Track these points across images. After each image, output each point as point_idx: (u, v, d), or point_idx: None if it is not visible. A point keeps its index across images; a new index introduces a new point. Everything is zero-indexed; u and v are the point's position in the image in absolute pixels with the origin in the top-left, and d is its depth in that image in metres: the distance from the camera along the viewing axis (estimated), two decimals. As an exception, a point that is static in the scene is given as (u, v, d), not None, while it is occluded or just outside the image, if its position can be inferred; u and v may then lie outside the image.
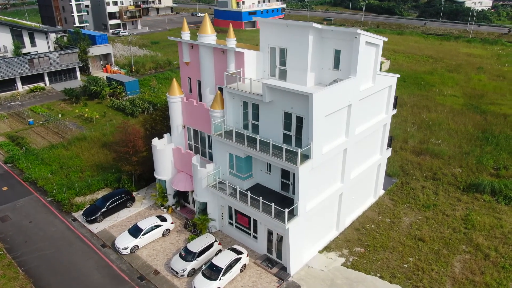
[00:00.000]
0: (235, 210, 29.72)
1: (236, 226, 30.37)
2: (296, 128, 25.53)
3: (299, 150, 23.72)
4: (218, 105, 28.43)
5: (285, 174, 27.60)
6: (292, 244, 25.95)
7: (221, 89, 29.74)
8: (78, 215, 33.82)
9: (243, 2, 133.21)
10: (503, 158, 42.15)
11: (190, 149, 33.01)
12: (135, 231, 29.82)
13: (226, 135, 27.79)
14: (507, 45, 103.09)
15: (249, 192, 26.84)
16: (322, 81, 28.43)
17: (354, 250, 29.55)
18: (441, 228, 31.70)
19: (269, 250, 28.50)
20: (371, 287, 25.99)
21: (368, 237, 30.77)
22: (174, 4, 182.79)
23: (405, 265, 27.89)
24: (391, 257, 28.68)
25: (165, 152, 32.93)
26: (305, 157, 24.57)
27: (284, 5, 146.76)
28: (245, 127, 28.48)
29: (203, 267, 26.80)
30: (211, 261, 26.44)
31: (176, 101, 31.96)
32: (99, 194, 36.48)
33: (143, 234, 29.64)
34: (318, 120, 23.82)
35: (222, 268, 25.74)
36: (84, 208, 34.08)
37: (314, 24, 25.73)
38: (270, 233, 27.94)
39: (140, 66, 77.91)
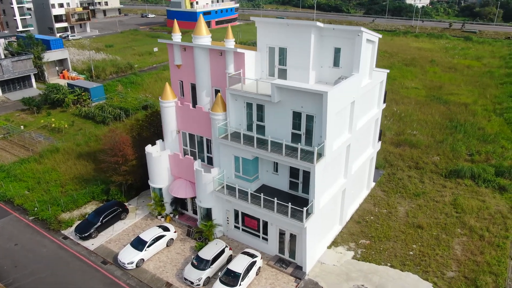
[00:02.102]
0: (242, 213, 29.30)
1: (243, 230, 29.94)
2: (305, 127, 25.62)
3: (316, 149, 23.88)
4: (220, 108, 27.83)
5: (294, 173, 27.63)
6: (309, 243, 26.08)
7: (217, 91, 29.23)
8: (69, 232, 31.63)
9: (197, 2, 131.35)
10: (473, 144, 45.15)
11: (185, 154, 32.04)
12: (139, 244, 28.42)
13: (232, 138, 27.29)
14: (451, 39, 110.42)
15: (262, 194, 26.54)
16: (321, 79, 28.76)
17: (360, 242, 30.27)
18: (435, 214, 33.37)
19: (281, 250, 28.40)
20: (385, 277, 26.79)
21: (370, 229, 31.66)
22: (122, 6, 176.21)
23: (411, 253, 29.03)
24: (396, 246, 29.73)
25: (161, 159, 31.68)
26: (318, 155, 24.75)
27: (237, 5, 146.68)
28: (248, 128, 28.12)
29: (219, 274, 26.14)
30: (227, 267, 25.86)
31: (170, 105, 30.88)
32: (87, 209, 34.38)
33: (148, 246, 28.35)
34: (331, 118, 24.09)
35: (241, 274, 25.28)
36: (76, 224, 31.95)
37: (318, 23, 25.97)
38: (281, 234, 27.85)
39: (101, 71, 74.28)
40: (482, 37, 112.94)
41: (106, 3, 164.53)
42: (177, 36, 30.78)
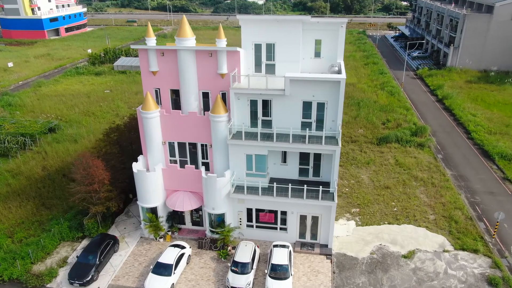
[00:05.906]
0: (256, 210, 29.45)
1: (257, 226, 30.08)
2: (316, 115, 27.45)
3: (339, 133, 26.06)
4: (222, 109, 27.31)
5: (303, 161, 29.15)
6: (334, 220, 28.22)
7: (205, 94, 28.57)
8: (57, 284, 26.39)
9: (39, 8, 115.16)
10: (380, 115, 53.74)
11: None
12: (164, 269, 25.88)
13: (245, 137, 27.20)
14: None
15: (290, 184, 27.33)
16: (303, 70, 30.80)
17: (352, 212, 33.83)
18: (391, 174, 39.35)
19: (301, 235, 29.75)
20: (392, 233, 30.91)
21: (353, 199, 35.54)
22: None
23: (395, 209, 34.00)
24: (381, 207, 34.30)
25: (155, 175, 29.03)
26: (333, 138, 27.00)
27: (85, 9, 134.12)
28: (252, 125, 28.31)
29: (265, 271, 26.12)
30: (271, 263, 26.02)
31: (154, 116, 28.60)
32: (61, 252, 29.07)
33: (175, 269, 26.10)
34: (342, 102, 26.56)
35: (288, 264, 25.88)
36: (65, 272, 26.83)
37: (310, 18, 27.89)
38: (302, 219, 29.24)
39: (-43, 96, 59.93)
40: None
41: None
42: (152, 41, 28.48)
